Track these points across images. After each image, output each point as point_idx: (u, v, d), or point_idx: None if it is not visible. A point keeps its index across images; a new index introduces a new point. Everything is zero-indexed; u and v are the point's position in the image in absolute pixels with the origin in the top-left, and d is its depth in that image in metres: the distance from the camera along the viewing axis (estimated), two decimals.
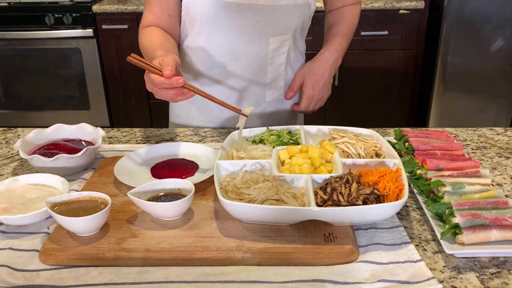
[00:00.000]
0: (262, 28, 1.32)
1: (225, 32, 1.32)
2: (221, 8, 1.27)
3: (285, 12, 1.32)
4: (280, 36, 1.36)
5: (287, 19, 1.34)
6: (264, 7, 1.29)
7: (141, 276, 0.86)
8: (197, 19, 1.32)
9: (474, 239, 0.88)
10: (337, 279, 0.84)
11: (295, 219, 0.94)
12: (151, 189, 1.03)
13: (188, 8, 1.32)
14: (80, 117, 3.28)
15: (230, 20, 1.29)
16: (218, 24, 1.30)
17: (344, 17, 1.48)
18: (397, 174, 1.01)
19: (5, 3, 3.07)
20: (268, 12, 1.30)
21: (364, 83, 3.18)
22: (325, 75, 1.41)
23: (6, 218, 0.97)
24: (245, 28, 1.31)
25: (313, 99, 1.43)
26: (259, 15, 1.30)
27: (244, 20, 1.30)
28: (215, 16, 1.29)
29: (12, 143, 1.39)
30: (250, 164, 1.08)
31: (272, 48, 1.37)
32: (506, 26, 2.87)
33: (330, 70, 1.41)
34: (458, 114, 3.12)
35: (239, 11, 1.28)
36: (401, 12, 2.98)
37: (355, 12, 1.51)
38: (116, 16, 3.04)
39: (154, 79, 1.05)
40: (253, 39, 1.34)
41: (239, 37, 1.33)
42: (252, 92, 1.43)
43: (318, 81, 1.40)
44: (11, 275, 0.87)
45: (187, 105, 1.50)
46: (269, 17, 1.31)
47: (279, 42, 1.37)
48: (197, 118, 1.50)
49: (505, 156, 1.27)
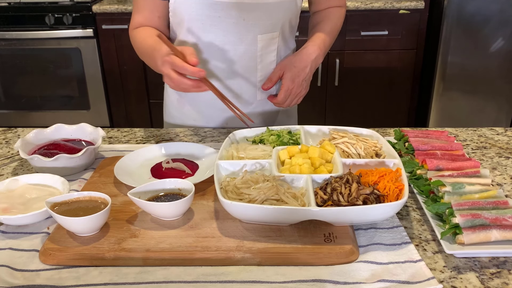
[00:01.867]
0: (249, 26, 1.32)
1: (213, 31, 1.32)
2: (208, 8, 1.28)
3: (271, 9, 1.32)
4: (268, 34, 1.36)
5: (274, 16, 1.34)
6: (250, 5, 1.29)
7: (141, 276, 0.86)
8: (185, 19, 1.32)
9: (474, 239, 0.88)
10: (337, 279, 0.84)
11: (295, 219, 0.94)
12: (151, 189, 1.03)
13: (175, 9, 1.33)
14: (80, 117, 3.28)
15: (217, 19, 1.30)
16: (206, 23, 1.31)
17: (328, 17, 1.47)
18: (397, 174, 1.01)
19: (5, 3, 3.07)
20: (254, 10, 1.30)
21: (364, 83, 3.18)
22: (305, 70, 1.37)
23: (6, 218, 0.97)
24: (233, 27, 1.31)
25: (291, 93, 1.38)
26: (245, 13, 1.30)
27: (231, 19, 1.30)
28: (202, 15, 1.29)
29: (12, 143, 1.39)
30: (250, 164, 1.08)
31: (260, 46, 1.36)
32: (506, 26, 2.87)
33: (311, 65, 1.37)
34: (458, 114, 3.12)
35: (225, 10, 1.28)
36: (401, 12, 2.98)
37: (340, 14, 1.49)
38: (116, 16, 3.04)
39: (177, 62, 1.06)
40: (241, 37, 1.33)
41: (227, 36, 1.33)
42: (243, 91, 1.43)
43: (298, 75, 1.36)
44: (11, 275, 0.87)
45: (180, 105, 1.50)
46: (255, 15, 1.31)
47: (267, 40, 1.37)
48: (191, 117, 1.50)
49: (505, 156, 1.27)
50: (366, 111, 3.26)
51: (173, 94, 1.51)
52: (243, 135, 1.24)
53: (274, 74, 1.39)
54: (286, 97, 1.37)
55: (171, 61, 1.10)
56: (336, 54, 3.07)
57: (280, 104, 1.40)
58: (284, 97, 1.37)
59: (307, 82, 1.41)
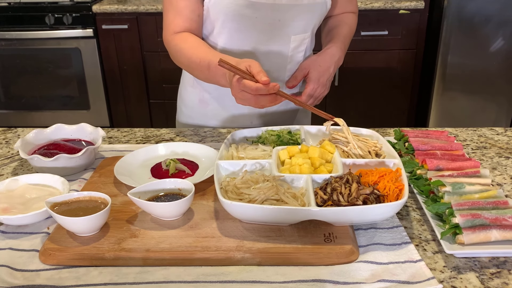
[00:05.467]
0: (284, 27, 1.33)
1: (248, 31, 1.32)
2: (245, 8, 1.27)
3: (305, 10, 1.33)
4: (300, 35, 1.37)
5: (308, 17, 1.35)
6: (286, 6, 1.29)
7: (141, 276, 0.86)
8: (219, 19, 1.31)
9: (474, 239, 0.88)
10: (337, 279, 0.84)
11: (295, 219, 0.94)
12: (151, 189, 1.03)
13: (209, 9, 1.30)
14: (80, 117, 3.28)
15: (254, 20, 1.29)
16: (241, 24, 1.30)
17: (345, 21, 1.49)
18: (397, 174, 1.01)
19: (5, 3, 3.07)
20: (289, 11, 1.31)
21: (364, 83, 3.18)
22: (330, 70, 1.38)
23: (6, 218, 0.97)
24: (268, 27, 1.32)
25: (315, 92, 1.38)
26: (281, 14, 1.30)
27: (267, 20, 1.30)
28: (238, 16, 1.28)
29: (12, 143, 1.39)
30: (250, 164, 1.08)
31: (292, 47, 1.38)
32: (506, 26, 2.87)
33: (335, 66, 1.40)
34: (458, 114, 3.12)
35: (262, 10, 1.28)
36: (401, 12, 2.98)
37: (354, 19, 1.52)
38: (116, 16, 3.04)
39: (250, 86, 1.04)
40: (275, 38, 1.34)
41: (261, 37, 1.33)
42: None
43: (323, 74, 1.37)
44: (11, 275, 0.87)
45: (203, 105, 1.49)
46: (290, 16, 1.32)
47: (299, 41, 1.38)
48: (214, 118, 1.50)
49: (505, 156, 1.27)
50: (366, 111, 3.26)
51: (195, 93, 1.50)
52: (243, 135, 1.24)
53: (299, 73, 1.40)
54: (310, 96, 1.38)
55: (241, 85, 1.06)
56: None
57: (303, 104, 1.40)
58: (309, 96, 1.37)
59: (330, 83, 1.42)
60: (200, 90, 1.48)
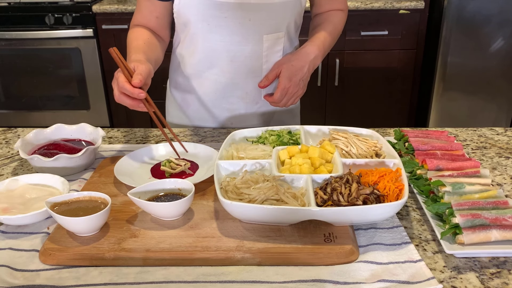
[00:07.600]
0: (256, 26, 1.32)
1: (218, 32, 1.32)
2: (214, 8, 1.28)
3: (276, 9, 1.32)
4: (273, 34, 1.36)
5: (279, 16, 1.34)
6: (256, 5, 1.29)
7: (141, 276, 0.86)
8: (190, 20, 1.32)
9: (474, 239, 0.88)
10: (337, 279, 0.84)
11: (295, 219, 0.94)
12: (151, 189, 1.03)
13: (179, 10, 1.33)
14: (80, 117, 3.28)
15: (223, 20, 1.30)
16: (211, 24, 1.31)
17: (329, 19, 1.46)
18: (397, 174, 1.01)
19: (5, 3, 3.07)
20: (260, 10, 1.30)
21: (364, 83, 3.18)
22: (303, 69, 1.35)
23: (6, 218, 0.97)
24: (239, 27, 1.31)
25: (288, 92, 1.35)
26: (251, 13, 1.30)
27: (237, 19, 1.30)
28: (208, 16, 1.30)
29: (12, 143, 1.39)
30: (250, 164, 1.08)
31: (266, 46, 1.36)
32: (506, 26, 2.87)
33: (309, 65, 1.36)
34: (458, 114, 3.12)
35: (231, 10, 1.28)
36: (401, 12, 2.98)
37: (341, 17, 1.48)
38: (116, 16, 3.04)
39: (119, 81, 1.10)
40: (247, 38, 1.33)
41: (233, 37, 1.33)
42: (248, 90, 1.43)
43: (296, 74, 1.34)
44: (11, 275, 0.87)
45: (185, 104, 1.50)
46: (261, 15, 1.31)
47: (273, 40, 1.37)
48: (196, 118, 1.50)
49: (505, 156, 1.27)
50: (366, 111, 3.26)
51: (177, 94, 1.52)
52: (243, 135, 1.24)
53: (271, 72, 1.38)
54: (282, 96, 1.35)
55: (115, 78, 1.12)
56: (336, 54, 3.07)
57: (276, 103, 1.38)
58: (280, 95, 1.35)
59: (305, 82, 1.39)
60: (183, 91, 1.49)
